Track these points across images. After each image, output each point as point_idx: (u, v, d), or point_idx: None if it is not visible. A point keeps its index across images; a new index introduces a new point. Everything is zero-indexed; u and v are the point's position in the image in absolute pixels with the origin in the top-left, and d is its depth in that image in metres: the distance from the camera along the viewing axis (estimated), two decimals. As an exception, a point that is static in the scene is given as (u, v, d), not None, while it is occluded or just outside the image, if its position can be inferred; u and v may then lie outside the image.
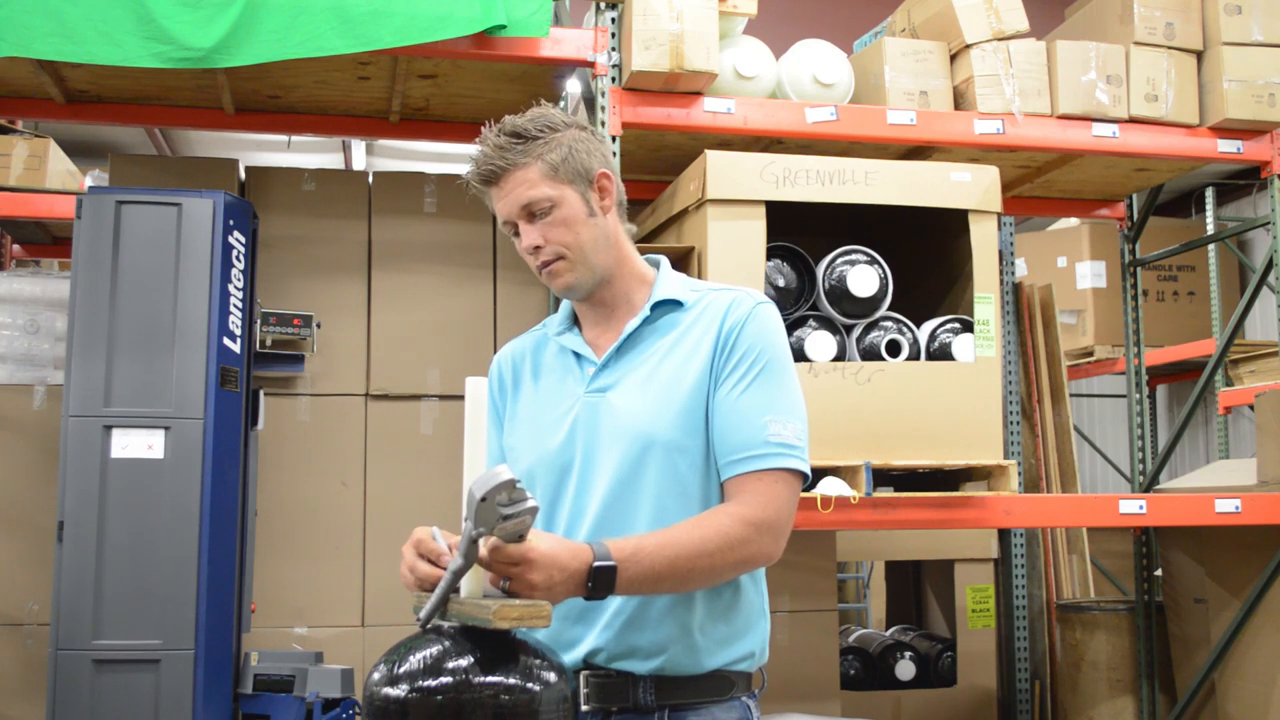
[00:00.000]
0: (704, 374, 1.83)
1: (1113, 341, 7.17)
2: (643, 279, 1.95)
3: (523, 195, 1.83)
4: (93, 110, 4.63)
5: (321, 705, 3.83)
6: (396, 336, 4.69)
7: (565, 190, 1.84)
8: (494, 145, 1.83)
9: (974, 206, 3.68)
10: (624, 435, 1.81)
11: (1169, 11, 4.25)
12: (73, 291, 3.91)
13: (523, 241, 1.87)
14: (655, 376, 1.84)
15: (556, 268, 1.86)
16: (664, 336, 1.88)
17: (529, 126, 1.84)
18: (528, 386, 1.97)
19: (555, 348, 1.97)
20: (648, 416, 1.81)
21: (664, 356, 1.86)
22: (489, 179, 1.85)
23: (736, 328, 1.84)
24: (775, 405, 1.80)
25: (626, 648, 1.79)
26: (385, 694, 1.55)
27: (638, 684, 1.79)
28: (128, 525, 3.78)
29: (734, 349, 1.83)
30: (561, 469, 1.86)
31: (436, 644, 1.58)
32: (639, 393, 1.84)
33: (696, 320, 1.87)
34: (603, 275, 1.90)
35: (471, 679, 1.54)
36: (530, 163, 1.83)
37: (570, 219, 1.85)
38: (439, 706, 1.52)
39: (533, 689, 1.55)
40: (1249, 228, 5.23)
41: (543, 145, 1.84)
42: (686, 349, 1.85)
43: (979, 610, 5.04)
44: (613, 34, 3.82)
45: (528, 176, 1.83)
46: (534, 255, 1.87)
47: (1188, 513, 4.12)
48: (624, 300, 1.93)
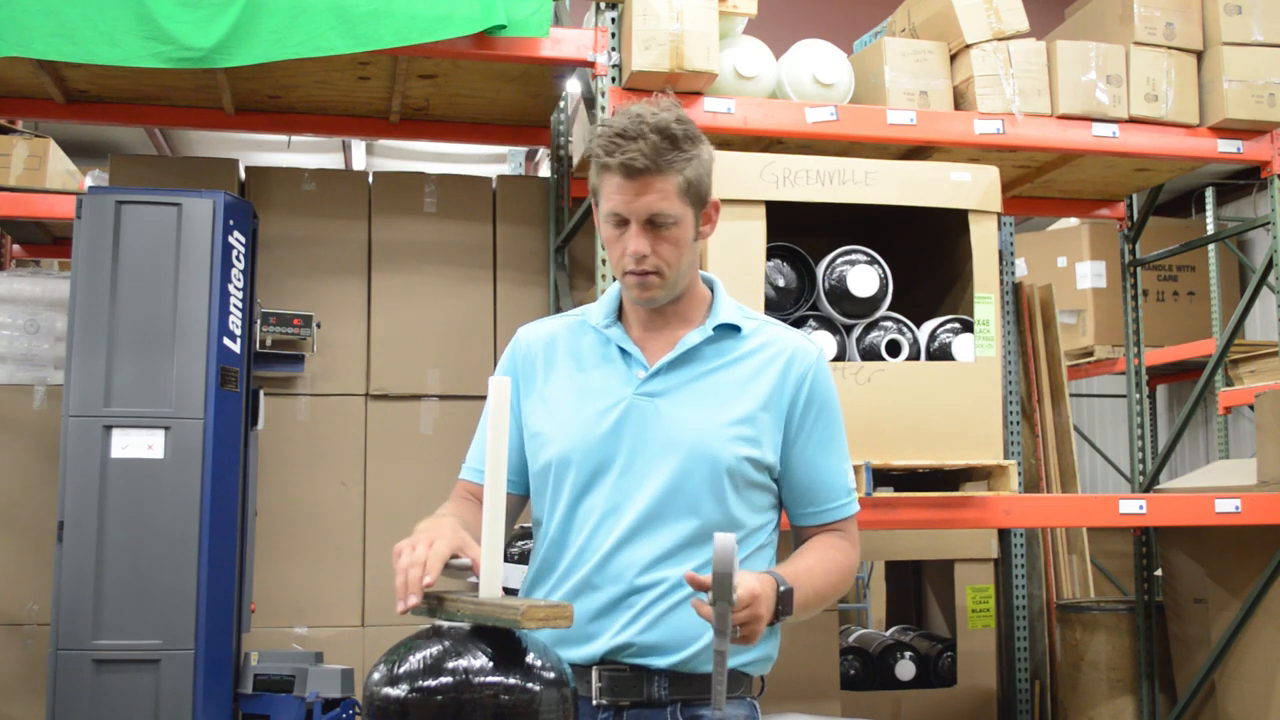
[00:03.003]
0: (763, 406, 1.88)
1: (1113, 341, 7.17)
2: (701, 297, 1.98)
3: (654, 204, 1.81)
4: (93, 110, 4.64)
5: (321, 705, 3.83)
6: (396, 336, 4.69)
7: (687, 211, 1.85)
8: (648, 143, 1.79)
9: (974, 206, 3.68)
10: (678, 446, 1.84)
11: (1169, 11, 4.25)
12: (73, 291, 3.91)
13: (630, 245, 1.83)
14: (711, 395, 1.88)
15: (651, 280, 1.86)
16: (720, 358, 1.91)
17: (681, 134, 1.82)
18: (564, 370, 1.95)
19: (596, 339, 1.96)
20: (705, 432, 1.84)
21: (720, 378, 1.90)
22: (630, 173, 1.80)
23: (808, 379, 1.91)
24: (846, 455, 1.96)
25: (648, 643, 1.81)
26: (385, 694, 1.55)
27: (652, 679, 1.81)
28: (128, 525, 3.78)
29: (809, 402, 1.91)
30: (600, 463, 1.87)
31: (436, 644, 1.58)
32: (693, 407, 1.86)
33: (755, 351, 1.92)
34: (680, 294, 1.93)
35: (471, 679, 1.54)
36: (673, 175, 1.81)
37: (681, 240, 1.86)
38: (439, 706, 1.52)
39: (533, 689, 1.55)
40: (1249, 228, 5.23)
41: (686, 159, 1.83)
42: (743, 376, 1.90)
43: (979, 610, 5.03)
44: (613, 34, 3.82)
45: (666, 186, 1.81)
46: (635, 261, 1.84)
47: (1188, 513, 4.12)
48: (682, 315, 1.95)
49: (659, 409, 1.87)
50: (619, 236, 1.85)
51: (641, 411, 1.87)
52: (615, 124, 1.83)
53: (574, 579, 1.86)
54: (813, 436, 1.91)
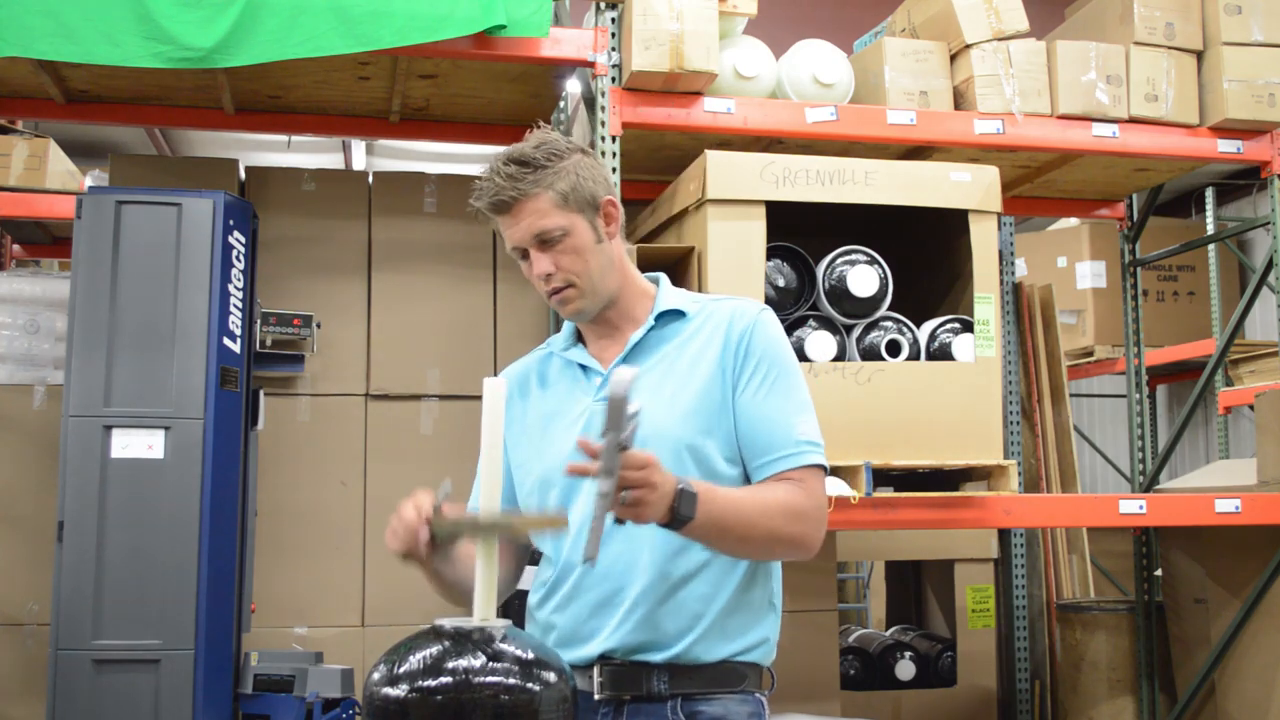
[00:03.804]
0: (713, 378, 1.89)
1: (1113, 341, 7.17)
2: (645, 294, 2.01)
3: (534, 225, 1.87)
4: (93, 110, 4.63)
5: (321, 705, 3.83)
6: (396, 336, 4.69)
7: (575, 219, 1.89)
8: (504, 174, 1.86)
9: (974, 206, 3.68)
10: (638, 439, 1.81)
11: (1169, 11, 4.25)
12: (73, 291, 3.91)
13: (534, 269, 1.90)
14: (664, 382, 1.90)
15: (567, 294, 1.91)
16: (668, 344, 1.94)
17: (537, 155, 1.88)
18: (534, 401, 2.01)
19: (560, 363, 2.02)
20: (661, 418, 1.85)
21: (671, 363, 1.92)
22: (500, 208, 1.88)
23: (746, 334, 1.91)
24: (798, 406, 1.91)
25: (644, 639, 1.83)
26: (385, 694, 1.55)
27: (651, 673, 1.83)
28: (128, 525, 3.78)
29: (748, 355, 1.90)
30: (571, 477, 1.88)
31: (436, 644, 1.58)
32: (649, 398, 1.85)
33: (700, 328, 1.94)
34: (609, 298, 1.95)
35: (471, 679, 1.54)
36: (541, 192, 1.86)
37: (580, 247, 1.89)
38: (439, 706, 1.52)
39: (533, 689, 1.55)
40: (1249, 228, 5.23)
41: (552, 174, 1.87)
42: (692, 354, 1.92)
43: (979, 610, 5.04)
44: (613, 34, 3.82)
45: (539, 206, 1.86)
46: (544, 282, 1.90)
47: (1188, 513, 4.12)
48: (628, 316, 1.98)
49: None
50: (528, 267, 1.92)
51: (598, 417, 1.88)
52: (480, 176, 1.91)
53: (567, 584, 1.90)
54: (752, 385, 1.89)
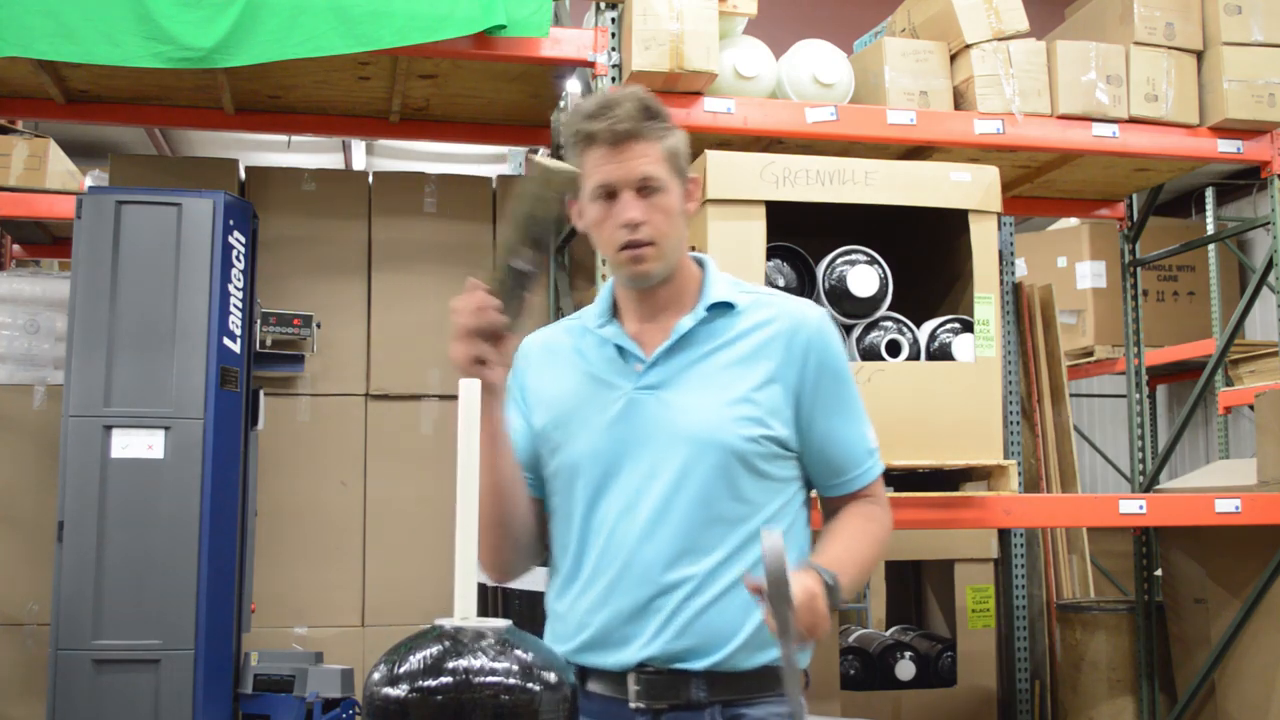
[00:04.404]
0: (769, 382, 1.83)
1: (1113, 341, 7.17)
2: (693, 278, 1.92)
3: (642, 168, 1.78)
4: (93, 110, 4.64)
5: (321, 705, 3.83)
6: (396, 336, 4.69)
7: (673, 180, 1.82)
8: (630, 107, 1.78)
9: (974, 206, 3.68)
10: (683, 436, 1.80)
11: (1169, 11, 4.25)
12: (73, 291, 3.91)
13: (622, 213, 1.79)
14: (714, 379, 1.83)
15: (645, 252, 1.81)
16: (717, 338, 1.86)
17: (658, 109, 1.82)
18: (565, 375, 1.92)
19: (595, 340, 1.92)
20: (710, 419, 1.80)
21: (720, 359, 1.85)
22: (616, 138, 1.78)
23: (815, 348, 1.86)
24: (861, 416, 1.93)
25: (685, 646, 1.77)
26: (385, 694, 1.55)
27: (690, 681, 1.78)
28: (128, 525, 3.78)
29: (820, 371, 1.86)
30: (609, 464, 1.83)
31: (436, 644, 1.58)
32: (697, 394, 1.82)
33: (755, 326, 1.87)
34: (672, 271, 1.87)
35: (471, 679, 1.54)
36: (657, 140, 1.80)
37: (670, 208, 1.82)
38: (439, 706, 1.52)
39: (533, 689, 1.55)
40: (1249, 228, 5.22)
41: (666, 129, 1.82)
42: (743, 352, 1.85)
43: (979, 610, 5.03)
44: (613, 34, 3.82)
45: (651, 152, 1.79)
46: (629, 230, 1.79)
47: (1188, 513, 4.12)
48: (675, 298, 1.89)
49: (661, 400, 1.82)
50: (608, 211, 1.81)
51: (643, 405, 1.83)
52: (588, 101, 1.83)
53: (600, 584, 1.82)
54: (828, 406, 1.87)
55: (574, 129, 1.82)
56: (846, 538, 1.85)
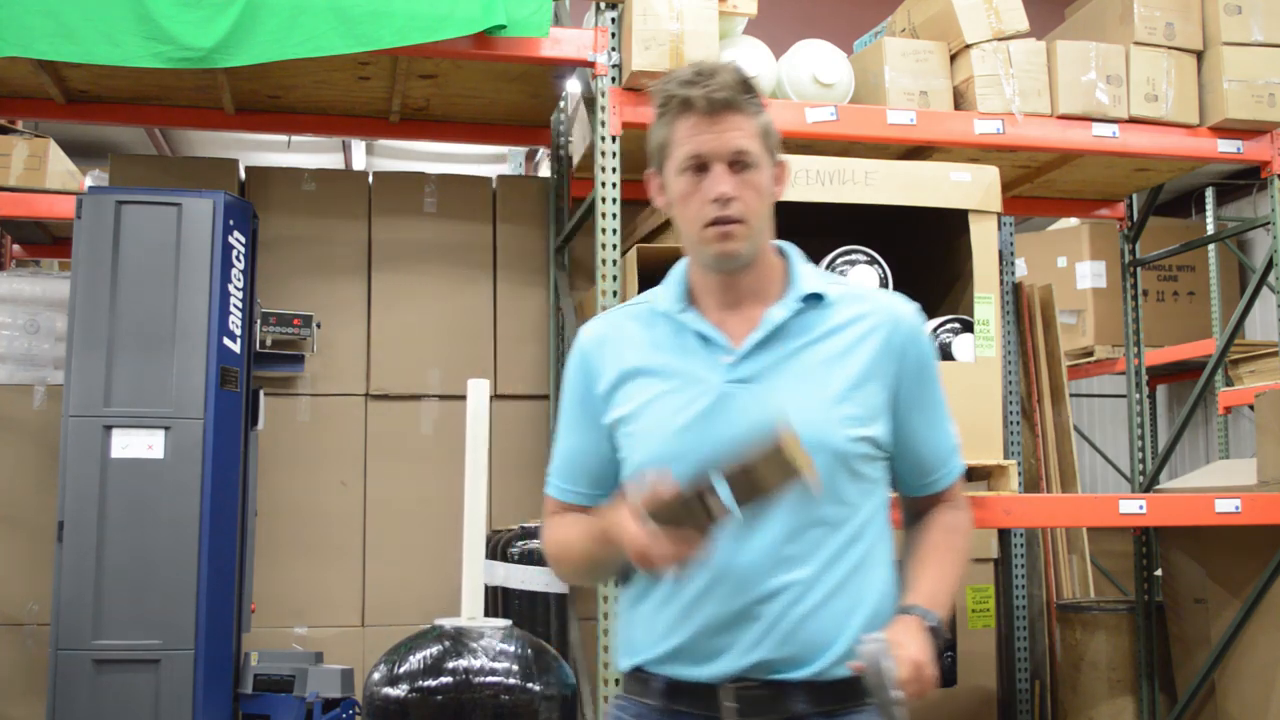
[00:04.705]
0: (869, 378, 1.75)
1: (1113, 341, 7.17)
2: (776, 267, 1.82)
3: (737, 140, 1.70)
4: (93, 110, 4.64)
5: (321, 705, 3.83)
6: (396, 336, 4.69)
7: (765, 158, 1.74)
8: (727, 79, 1.70)
9: (974, 206, 3.68)
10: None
11: (1169, 11, 4.25)
12: (73, 291, 3.91)
13: (713, 187, 1.69)
14: (812, 375, 1.73)
15: (734, 229, 1.70)
16: (811, 331, 1.76)
17: (754, 83, 1.74)
18: (642, 365, 1.78)
19: (669, 326, 1.79)
20: (812, 418, 1.68)
21: (817, 354, 1.75)
22: (712, 106, 1.69)
23: (914, 343, 1.80)
24: (947, 413, 1.87)
25: (785, 657, 1.67)
26: (385, 694, 1.55)
27: (790, 692, 1.67)
28: (128, 525, 3.78)
29: (920, 368, 1.80)
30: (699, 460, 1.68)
31: (436, 644, 1.58)
32: (796, 391, 1.72)
33: (850, 321, 1.78)
34: (757, 254, 1.77)
35: (471, 679, 1.54)
36: (752, 115, 1.72)
37: (761, 187, 1.73)
38: (439, 706, 1.52)
39: (533, 689, 1.55)
40: (1249, 228, 5.22)
41: (759, 106, 1.75)
42: (841, 347, 1.76)
43: (979, 610, 5.03)
44: (613, 34, 3.82)
45: (746, 125, 1.71)
46: (718, 205, 1.69)
47: (1188, 513, 4.12)
48: (759, 285, 1.78)
49: (754, 395, 1.71)
50: (696, 185, 1.71)
51: (735, 400, 1.71)
52: (683, 69, 1.74)
53: (689, 591, 1.69)
54: (924, 406, 1.80)
55: (668, 94, 1.73)
56: (938, 563, 1.80)
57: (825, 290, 1.79)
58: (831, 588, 1.69)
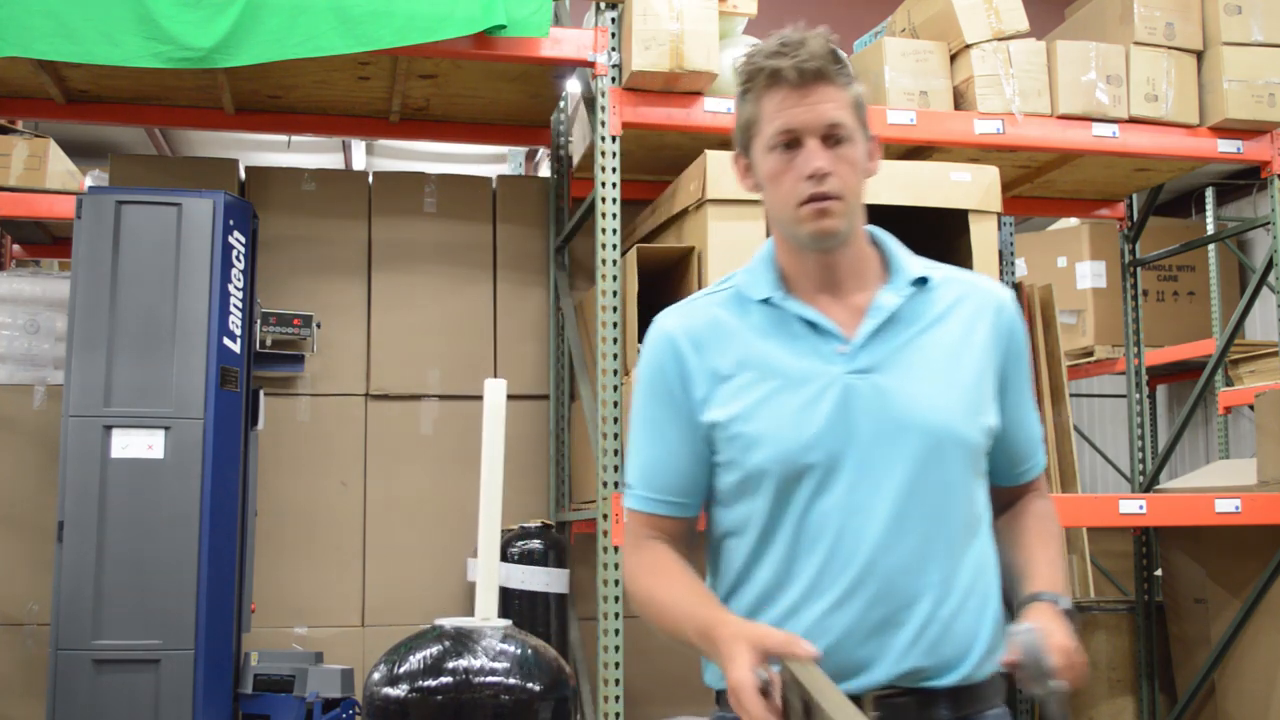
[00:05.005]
0: (984, 368, 1.68)
1: (1113, 341, 7.16)
2: (869, 250, 1.72)
3: (832, 112, 1.59)
4: (93, 110, 4.64)
5: (321, 705, 3.83)
6: (396, 336, 4.69)
7: (859, 132, 1.64)
8: (817, 48, 1.60)
9: (974, 206, 3.68)
10: (915, 428, 1.60)
11: (1169, 11, 4.25)
12: (73, 291, 3.91)
13: (808, 162, 1.59)
14: (933, 365, 1.64)
15: (831, 206, 1.59)
16: (921, 318, 1.67)
17: (843, 53, 1.64)
18: (744, 357, 1.65)
19: (767, 314, 1.67)
20: (942, 409, 1.62)
21: (933, 342, 1.66)
22: (803, 77, 1.58)
23: (1016, 328, 1.74)
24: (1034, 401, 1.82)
25: (933, 662, 1.59)
26: (385, 694, 1.55)
27: (935, 700, 1.60)
28: (128, 525, 3.78)
29: (1020, 353, 1.74)
30: (828, 460, 1.59)
31: (436, 644, 1.58)
32: (921, 382, 1.63)
33: (954, 305, 1.69)
34: (853, 233, 1.66)
35: (471, 679, 1.54)
36: (844, 86, 1.62)
37: (856, 162, 1.62)
38: (439, 706, 1.52)
39: (533, 689, 1.55)
40: (1249, 228, 5.23)
41: (851, 77, 1.64)
42: (954, 334, 1.67)
43: (979, 610, 5.03)
44: (613, 34, 3.82)
45: (840, 97, 1.61)
46: (814, 182, 1.59)
47: (1188, 513, 4.12)
48: (857, 268, 1.68)
49: (878, 388, 1.61)
50: (788, 162, 1.60)
51: (859, 393, 1.60)
52: (768, 41, 1.65)
53: (827, 598, 1.58)
54: (1022, 392, 1.75)
55: (753, 67, 1.63)
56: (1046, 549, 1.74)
57: (930, 273, 1.70)
58: (966, 587, 1.62)
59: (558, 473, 4.69)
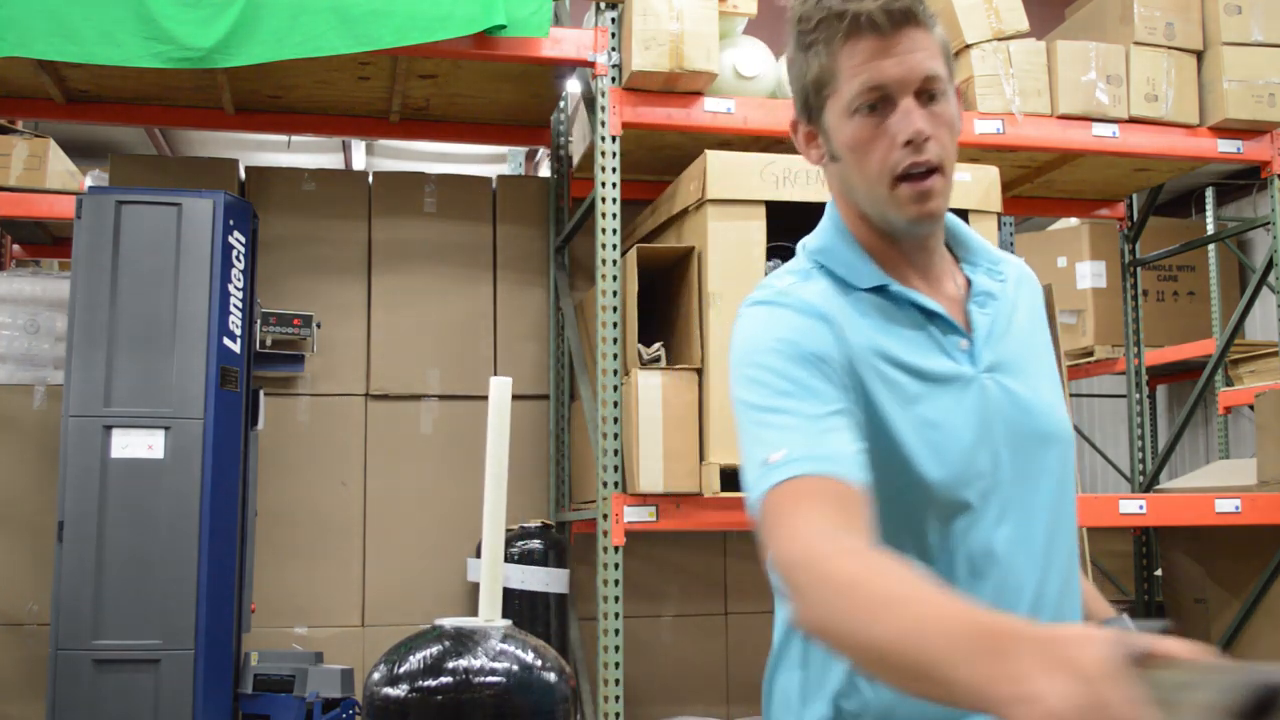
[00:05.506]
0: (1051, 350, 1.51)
1: (1113, 341, 7.16)
2: None
3: (925, 63, 1.31)
4: (93, 110, 4.64)
5: (321, 705, 3.83)
6: (396, 336, 4.69)
7: (951, 86, 1.36)
8: None
9: (974, 206, 3.68)
10: (1047, 434, 1.40)
11: (1169, 11, 4.26)
12: (73, 291, 3.91)
13: (906, 125, 1.30)
14: (1035, 359, 1.44)
15: (934, 186, 1.32)
16: (1003, 303, 1.44)
17: None
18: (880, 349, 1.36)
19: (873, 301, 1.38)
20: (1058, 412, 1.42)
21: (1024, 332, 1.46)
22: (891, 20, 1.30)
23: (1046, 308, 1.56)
24: None
25: None
26: (385, 694, 1.55)
27: None
28: (128, 525, 3.78)
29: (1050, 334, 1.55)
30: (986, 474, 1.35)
31: (436, 644, 1.58)
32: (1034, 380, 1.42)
33: (1016, 288, 1.49)
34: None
35: (471, 679, 1.54)
36: (932, 29, 1.35)
37: (953, 122, 1.34)
38: (439, 706, 1.52)
39: (533, 689, 1.55)
40: (1249, 228, 5.23)
41: (935, 20, 1.38)
42: (1031, 323, 1.48)
43: (979, 610, 5.03)
44: (613, 34, 3.82)
45: (931, 43, 1.34)
46: (912, 149, 1.30)
47: (1188, 513, 4.12)
48: (940, 247, 1.44)
49: (1005, 388, 1.39)
50: (878, 127, 1.31)
51: (993, 396, 1.37)
52: None
53: None
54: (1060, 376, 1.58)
55: (825, 11, 1.32)
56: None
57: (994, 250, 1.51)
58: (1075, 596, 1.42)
59: (558, 473, 4.69)
